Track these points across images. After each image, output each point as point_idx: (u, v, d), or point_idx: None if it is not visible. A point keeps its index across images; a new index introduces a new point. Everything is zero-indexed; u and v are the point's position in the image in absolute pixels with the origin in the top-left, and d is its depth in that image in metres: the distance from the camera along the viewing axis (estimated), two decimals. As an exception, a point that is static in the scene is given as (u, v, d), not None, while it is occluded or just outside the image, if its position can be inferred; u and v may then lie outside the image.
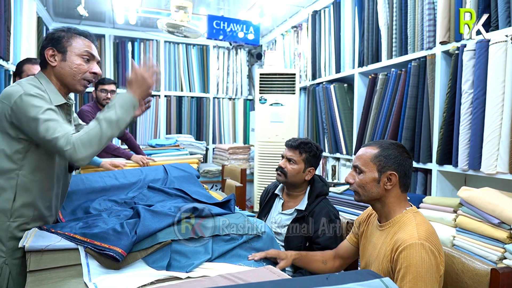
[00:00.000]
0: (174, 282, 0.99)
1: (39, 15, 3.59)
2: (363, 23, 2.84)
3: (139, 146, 3.13)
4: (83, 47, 1.34)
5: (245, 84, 5.19)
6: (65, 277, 1.01)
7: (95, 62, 1.38)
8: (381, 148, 1.25)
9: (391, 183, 1.22)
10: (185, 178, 1.69)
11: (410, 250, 1.06)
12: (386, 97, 2.57)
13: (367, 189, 1.23)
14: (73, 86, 1.36)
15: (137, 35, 4.56)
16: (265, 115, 3.66)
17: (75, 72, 1.32)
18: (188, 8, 3.50)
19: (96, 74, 1.37)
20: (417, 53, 2.32)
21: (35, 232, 1.15)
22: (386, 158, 1.23)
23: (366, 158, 1.25)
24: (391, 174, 1.22)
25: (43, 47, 1.33)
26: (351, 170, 1.32)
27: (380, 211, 1.27)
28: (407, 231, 1.13)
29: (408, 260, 1.05)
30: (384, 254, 1.17)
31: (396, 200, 1.24)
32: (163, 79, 4.69)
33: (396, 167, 1.22)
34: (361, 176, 1.25)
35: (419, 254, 1.05)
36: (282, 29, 4.35)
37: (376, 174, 1.22)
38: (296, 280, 0.67)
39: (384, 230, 1.24)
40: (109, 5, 3.80)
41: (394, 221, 1.22)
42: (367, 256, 1.30)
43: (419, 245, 1.06)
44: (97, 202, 1.48)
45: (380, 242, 1.23)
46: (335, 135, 3.25)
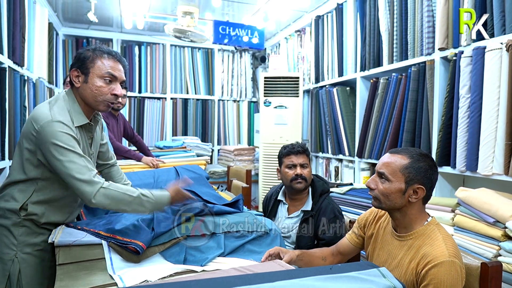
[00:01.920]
0: (190, 274, 1.08)
1: (50, 20, 3.71)
2: (365, 29, 2.93)
3: (148, 148, 3.24)
4: (106, 69, 1.36)
5: (249, 87, 5.28)
6: (91, 270, 1.11)
7: (118, 82, 1.40)
8: (412, 159, 1.20)
9: (417, 196, 1.19)
10: (195, 180, 1.78)
11: (442, 268, 1.06)
12: (387, 101, 2.65)
13: (391, 199, 1.20)
14: (96, 107, 1.40)
15: (144, 39, 4.67)
16: (270, 118, 3.75)
17: (96, 94, 1.36)
18: (195, 13, 3.60)
19: (117, 96, 1.40)
20: (417, 58, 2.41)
21: (62, 229, 1.25)
22: (416, 170, 1.18)
23: (394, 167, 1.20)
24: (418, 188, 1.18)
25: (71, 67, 1.39)
26: (374, 175, 1.28)
27: (399, 221, 1.24)
28: (436, 246, 1.12)
29: (439, 277, 1.06)
30: (408, 266, 1.16)
31: (418, 212, 1.22)
32: (169, 82, 4.79)
33: (425, 181, 1.19)
34: (386, 184, 1.20)
35: (450, 272, 1.06)
36: (286, 33, 4.44)
37: (403, 185, 1.18)
38: (302, 270, 0.75)
39: (405, 241, 1.22)
40: (117, 11, 3.90)
41: (417, 233, 1.20)
42: (381, 262, 1.28)
43: (450, 262, 1.07)
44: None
45: (400, 253, 1.21)
46: (338, 137, 3.34)
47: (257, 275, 0.76)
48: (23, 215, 1.34)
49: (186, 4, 3.57)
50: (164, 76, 4.78)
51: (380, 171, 1.23)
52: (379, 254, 1.30)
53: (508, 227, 1.54)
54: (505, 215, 1.57)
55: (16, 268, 1.33)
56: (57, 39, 4.15)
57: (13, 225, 1.34)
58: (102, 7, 3.77)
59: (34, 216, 1.35)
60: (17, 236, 1.34)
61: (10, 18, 2.52)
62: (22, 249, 1.34)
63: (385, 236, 1.31)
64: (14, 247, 1.33)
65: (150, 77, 4.74)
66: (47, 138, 1.26)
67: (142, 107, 4.73)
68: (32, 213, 1.35)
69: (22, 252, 1.34)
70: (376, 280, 0.70)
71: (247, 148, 4.52)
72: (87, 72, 1.36)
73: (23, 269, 1.33)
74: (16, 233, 1.34)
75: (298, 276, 0.71)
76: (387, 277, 0.71)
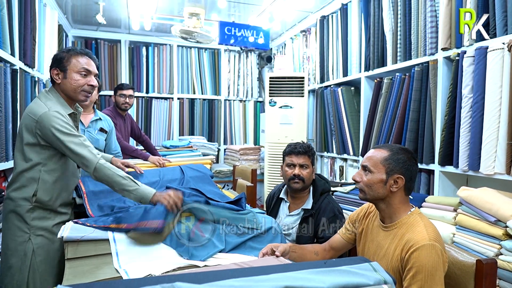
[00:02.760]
0: (192, 269, 1.12)
1: (60, 23, 3.79)
2: (369, 29, 2.94)
3: (155, 148, 3.29)
4: (81, 65, 1.60)
5: (255, 87, 5.32)
6: (98, 264, 1.16)
7: (92, 75, 1.64)
8: (391, 152, 1.32)
9: (397, 185, 1.28)
10: (200, 178, 1.82)
11: (422, 250, 1.14)
12: (391, 101, 2.67)
13: (374, 189, 1.30)
14: (76, 98, 1.64)
15: (151, 40, 4.73)
16: (275, 117, 3.79)
17: (75, 86, 1.60)
18: (201, 14, 3.65)
19: (93, 86, 1.64)
20: (420, 58, 2.42)
21: (70, 225, 1.30)
22: (395, 161, 1.29)
23: (376, 160, 1.31)
24: (398, 178, 1.28)
25: (50, 68, 1.63)
26: (359, 169, 1.39)
27: (384, 211, 1.33)
28: (417, 232, 1.20)
29: (420, 260, 1.13)
30: (393, 253, 1.23)
31: (401, 202, 1.31)
32: (176, 82, 4.85)
33: (404, 171, 1.29)
34: (369, 176, 1.31)
35: (431, 255, 1.13)
36: (291, 33, 4.47)
37: (384, 175, 1.29)
38: (297, 265, 0.79)
39: (390, 231, 1.31)
40: (125, 13, 3.97)
41: (400, 222, 1.29)
42: (371, 254, 1.36)
43: (430, 246, 1.14)
44: (121, 200, 1.63)
45: (387, 242, 1.29)
46: (342, 137, 3.36)
47: (252, 269, 0.79)
48: (34, 201, 1.54)
49: (192, 5, 3.62)
50: (171, 76, 4.84)
51: (363, 165, 1.35)
52: (369, 247, 1.38)
53: (509, 226, 1.55)
54: (506, 214, 1.58)
55: (30, 247, 1.52)
56: (66, 41, 4.23)
57: (26, 212, 1.53)
58: (110, 9, 3.84)
59: (44, 200, 1.55)
60: (29, 221, 1.53)
61: (21, 21, 2.59)
62: (35, 231, 1.54)
63: (374, 229, 1.39)
64: (28, 230, 1.54)
65: (157, 78, 4.80)
66: (48, 125, 1.50)
67: (149, 107, 4.80)
68: (42, 199, 1.55)
69: (35, 234, 1.54)
70: (367, 274, 0.73)
71: (253, 148, 4.56)
72: (65, 69, 1.60)
73: (36, 249, 1.53)
74: (28, 219, 1.53)
75: (293, 270, 0.74)
76: (378, 271, 0.74)
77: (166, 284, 0.65)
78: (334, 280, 0.71)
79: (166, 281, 0.67)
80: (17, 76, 2.46)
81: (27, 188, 1.54)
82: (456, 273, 1.19)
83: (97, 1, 3.62)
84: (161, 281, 0.68)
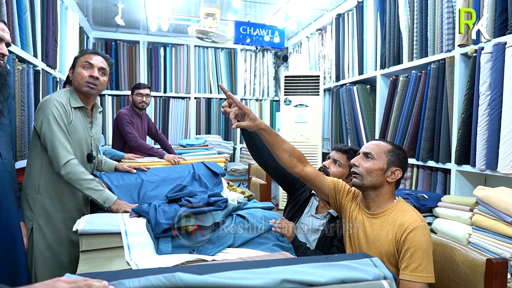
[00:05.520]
0: (200, 263, 1.15)
1: (81, 25, 3.91)
2: (385, 26, 2.91)
3: (171, 146, 3.35)
4: (84, 59, 1.75)
5: (271, 86, 5.33)
6: (110, 257, 1.20)
7: (95, 68, 1.74)
8: (393, 146, 1.43)
9: (394, 177, 1.39)
10: (206, 176, 1.85)
11: (417, 231, 1.24)
12: (406, 98, 2.63)
13: (373, 175, 1.38)
14: (80, 89, 1.75)
15: (168, 41, 4.81)
16: (290, 116, 3.79)
17: (79, 78, 1.74)
18: (216, 15, 3.69)
19: (93, 77, 1.73)
20: (437, 55, 2.37)
21: (85, 218, 1.35)
22: (396, 155, 1.40)
23: (380, 149, 1.41)
24: (396, 170, 1.39)
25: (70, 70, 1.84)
26: (358, 156, 1.45)
27: (374, 200, 1.41)
28: (409, 216, 1.31)
29: (417, 240, 1.23)
30: (386, 238, 1.31)
31: (390, 192, 1.41)
32: (193, 82, 4.91)
33: (401, 166, 1.41)
34: (371, 162, 1.39)
35: (425, 234, 1.24)
36: (307, 32, 4.45)
37: (384, 165, 1.38)
38: (299, 259, 0.80)
39: (378, 218, 1.39)
40: (143, 14, 4.06)
41: (389, 209, 1.38)
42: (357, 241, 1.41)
43: (423, 226, 1.26)
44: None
45: (375, 229, 1.36)
46: (358, 135, 3.33)
47: (253, 262, 0.81)
48: (38, 191, 1.68)
49: (208, 6, 3.66)
50: (188, 76, 4.91)
51: (366, 152, 1.42)
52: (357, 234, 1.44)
53: (525, 227, 1.51)
54: (523, 214, 1.54)
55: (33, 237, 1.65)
56: (87, 42, 4.36)
57: (32, 200, 1.68)
58: (129, 11, 3.93)
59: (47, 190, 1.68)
60: (33, 208, 1.67)
61: (43, 24, 2.69)
62: (38, 220, 1.67)
63: (358, 216, 1.45)
64: (32, 218, 1.67)
65: (175, 77, 4.88)
66: (42, 110, 1.65)
67: (167, 106, 4.88)
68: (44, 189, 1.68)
69: (37, 223, 1.67)
70: (367, 269, 0.74)
71: (269, 147, 4.56)
72: (75, 66, 1.78)
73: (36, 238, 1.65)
74: (33, 206, 1.67)
75: (294, 264, 0.76)
76: (378, 266, 0.74)
77: (167, 274, 0.68)
78: (333, 274, 0.71)
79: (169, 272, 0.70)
80: (40, 77, 2.56)
81: (33, 177, 1.68)
82: (466, 272, 1.18)
83: (116, 3, 3.72)
84: (164, 271, 0.71)
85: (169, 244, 1.24)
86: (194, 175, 1.85)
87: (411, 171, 2.67)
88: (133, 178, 1.83)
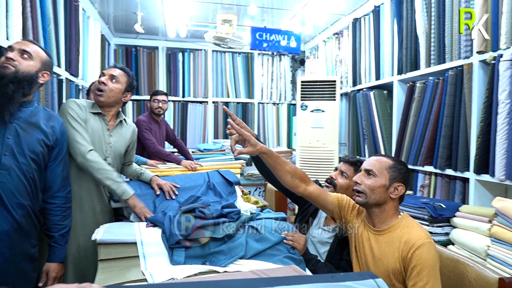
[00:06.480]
0: (212, 275, 1.18)
1: (102, 32, 4.03)
2: (402, 31, 2.87)
3: (188, 152, 3.42)
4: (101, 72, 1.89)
5: (288, 89, 5.34)
6: (127, 266, 1.25)
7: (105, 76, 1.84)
8: (394, 161, 1.42)
9: (397, 193, 1.38)
10: (221, 185, 1.88)
11: (423, 248, 1.23)
12: (424, 105, 2.59)
13: (376, 193, 1.37)
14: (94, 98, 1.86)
15: (187, 46, 4.90)
16: (306, 121, 3.79)
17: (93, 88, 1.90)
18: (233, 21, 3.73)
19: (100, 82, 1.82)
20: (455, 62, 2.33)
21: (104, 227, 1.40)
22: (398, 171, 1.39)
23: (381, 166, 1.40)
24: (399, 186, 1.38)
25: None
26: (360, 173, 1.44)
27: (378, 216, 1.40)
28: (414, 232, 1.30)
29: (423, 257, 1.22)
30: (392, 256, 1.31)
31: (394, 208, 1.40)
32: (211, 86, 4.98)
33: (404, 181, 1.40)
34: (373, 180, 1.38)
35: (431, 251, 1.23)
36: (324, 36, 4.44)
37: (387, 182, 1.37)
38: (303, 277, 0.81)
39: (384, 234, 1.38)
40: (162, 21, 4.15)
41: (394, 226, 1.37)
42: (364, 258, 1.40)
43: (429, 243, 1.25)
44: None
45: (381, 246, 1.36)
46: (374, 141, 3.30)
47: (259, 280, 0.83)
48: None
49: (225, 12, 3.71)
50: (206, 80, 4.98)
51: (368, 169, 1.41)
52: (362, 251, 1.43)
53: (545, 241, 1.48)
54: (543, 227, 1.50)
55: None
56: (108, 49, 4.49)
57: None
58: (148, 18, 4.02)
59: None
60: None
61: (66, 34, 2.80)
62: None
63: (364, 232, 1.45)
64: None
65: (193, 82, 4.96)
66: (61, 110, 1.74)
67: (185, 110, 4.96)
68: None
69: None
70: (371, 290, 0.75)
71: (284, 151, 4.58)
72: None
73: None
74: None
75: (299, 282, 0.77)
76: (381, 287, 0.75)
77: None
78: (337, 295, 0.73)
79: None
80: (63, 86, 2.66)
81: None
82: (478, 290, 1.17)
83: (136, 11, 3.82)
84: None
85: (182, 254, 1.28)
86: (209, 184, 1.88)
87: (429, 178, 2.64)
88: (150, 187, 1.88)
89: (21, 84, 1.40)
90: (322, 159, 3.72)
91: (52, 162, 1.55)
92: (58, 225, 1.56)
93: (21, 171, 1.41)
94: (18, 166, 1.41)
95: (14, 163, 1.40)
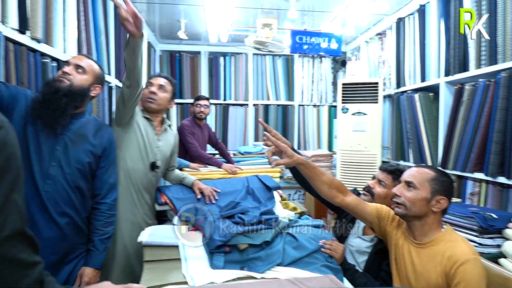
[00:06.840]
0: (250, 280, 1.21)
1: (148, 40, 4.22)
2: (449, 31, 2.74)
3: (229, 155, 3.50)
4: (148, 81, 2.08)
5: (329, 91, 5.27)
6: (170, 268, 1.32)
7: (153, 86, 2.01)
8: (437, 173, 1.36)
9: (439, 206, 1.33)
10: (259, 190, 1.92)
11: (468, 265, 1.19)
12: (473, 109, 2.46)
13: (417, 206, 1.32)
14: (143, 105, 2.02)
15: (228, 50, 4.99)
16: (347, 124, 3.72)
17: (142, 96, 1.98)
18: (273, 25, 3.76)
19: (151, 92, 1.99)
20: (507, 63, 2.19)
21: (149, 230, 1.48)
22: (441, 183, 1.34)
23: (422, 178, 1.35)
24: (441, 199, 1.33)
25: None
26: (400, 184, 1.40)
27: (419, 229, 1.36)
28: (459, 247, 1.25)
29: (468, 274, 1.18)
30: (434, 270, 1.26)
31: (436, 221, 1.35)
32: (251, 89, 5.04)
33: (447, 194, 1.34)
34: (413, 192, 1.33)
35: (476, 268, 1.19)
36: (366, 37, 4.34)
37: (428, 195, 1.33)
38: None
39: (426, 248, 1.33)
40: (204, 27, 4.27)
41: (436, 240, 1.32)
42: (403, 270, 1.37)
43: (474, 259, 1.21)
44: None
45: (423, 260, 1.31)
46: (419, 145, 3.18)
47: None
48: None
49: (265, 17, 3.74)
50: (246, 83, 5.04)
51: (408, 180, 1.37)
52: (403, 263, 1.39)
53: None
54: None
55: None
56: (154, 55, 4.69)
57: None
58: (191, 25, 4.16)
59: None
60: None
61: (116, 44, 2.97)
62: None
63: (404, 244, 1.41)
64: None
65: (234, 85, 5.04)
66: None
67: (226, 113, 5.06)
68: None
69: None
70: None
71: (325, 154, 4.52)
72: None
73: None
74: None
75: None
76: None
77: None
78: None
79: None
80: (113, 93, 2.83)
81: None
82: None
83: (179, 19, 3.96)
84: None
85: (221, 259, 1.32)
86: (248, 189, 1.92)
87: (479, 186, 2.50)
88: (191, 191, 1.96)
89: (74, 97, 1.47)
90: (363, 163, 3.64)
91: (100, 171, 1.61)
92: (99, 230, 1.59)
93: (66, 181, 1.47)
94: (64, 176, 1.46)
95: (60, 173, 1.45)
